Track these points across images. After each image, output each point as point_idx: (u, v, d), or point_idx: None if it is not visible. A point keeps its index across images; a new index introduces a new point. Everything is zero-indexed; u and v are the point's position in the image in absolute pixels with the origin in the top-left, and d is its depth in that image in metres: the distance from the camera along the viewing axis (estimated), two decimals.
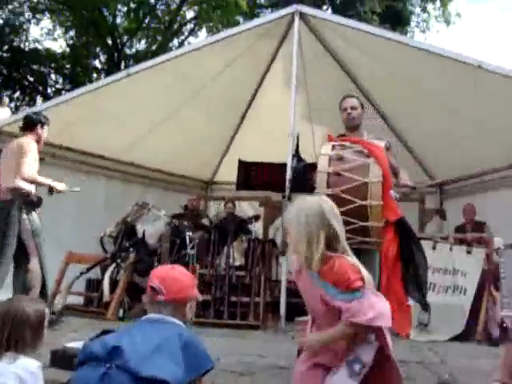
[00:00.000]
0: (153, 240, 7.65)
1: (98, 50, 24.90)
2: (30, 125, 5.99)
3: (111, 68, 22.42)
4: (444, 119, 8.15)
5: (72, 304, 7.53)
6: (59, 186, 5.98)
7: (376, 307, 2.53)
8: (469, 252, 6.94)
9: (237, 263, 7.57)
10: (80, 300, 7.90)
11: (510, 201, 8.45)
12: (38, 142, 5.95)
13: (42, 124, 6.01)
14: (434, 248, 7.11)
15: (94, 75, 24.55)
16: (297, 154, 6.19)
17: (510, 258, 6.87)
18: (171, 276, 2.63)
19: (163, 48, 22.56)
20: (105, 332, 4.40)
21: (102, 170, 9.10)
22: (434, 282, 6.97)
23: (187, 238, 7.58)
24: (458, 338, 6.55)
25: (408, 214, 8.94)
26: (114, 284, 7.36)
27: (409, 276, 4.02)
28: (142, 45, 25.72)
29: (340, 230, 2.67)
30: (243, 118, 9.66)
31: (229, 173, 9.80)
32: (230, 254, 7.45)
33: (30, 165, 5.70)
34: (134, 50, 25.44)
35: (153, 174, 9.75)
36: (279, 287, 7.09)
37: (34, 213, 5.77)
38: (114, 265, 7.52)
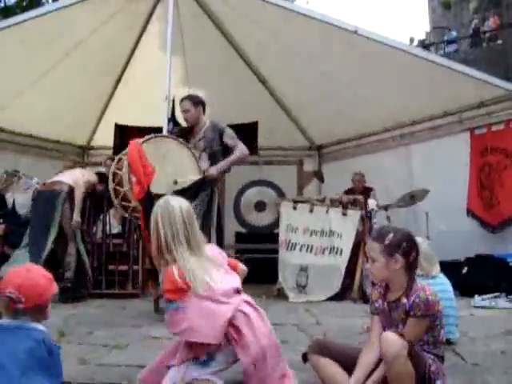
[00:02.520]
0: (24, 210, 7.27)
1: None
2: None
3: None
4: (322, 84, 8.26)
5: None
6: None
7: (189, 322, 2.55)
8: (344, 214, 7.11)
9: (114, 231, 7.38)
10: None
11: (385, 163, 8.81)
12: None
13: None
14: (311, 211, 7.25)
15: None
16: (173, 118, 6.03)
17: (382, 219, 7.20)
18: (29, 281, 2.38)
19: (35, 3, 21.30)
20: None
21: None
22: (312, 244, 7.13)
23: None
24: (334, 298, 6.75)
25: (287, 176, 9.28)
26: None
27: None
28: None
29: (170, 234, 2.66)
30: (118, 81, 9.25)
31: (105, 137, 9.44)
32: (106, 222, 7.23)
33: None
34: (2, 4, 23.81)
35: (24, 140, 9.18)
36: None
37: None
38: None
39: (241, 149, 5.62)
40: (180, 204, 2.75)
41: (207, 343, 2.56)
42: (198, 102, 5.79)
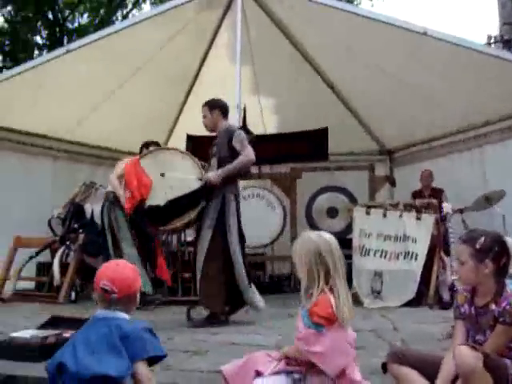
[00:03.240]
0: None
1: (38, 25, 24.11)
2: None
3: (53, 44, 21.77)
4: (391, 87, 8.17)
5: (23, 289, 7.38)
6: None
7: (323, 348, 2.60)
8: (418, 218, 7.00)
9: (188, 239, 7.52)
10: (31, 285, 7.75)
11: (457, 165, 8.62)
12: None
13: None
14: (384, 216, 7.17)
15: (36, 52, 23.80)
16: (244, 126, 6.11)
17: (457, 223, 7.04)
18: (119, 274, 2.65)
19: (106, 22, 22.03)
20: (54, 318, 4.32)
21: (47, 150, 8.83)
22: (386, 249, 7.05)
23: None
24: (410, 304, 6.64)
25: (358, 181, 9.21)
26: (64, 267, 7.22)
27: None
28: (84, 19, 25.04)
29: (333, 266, 2.75)
30: (189, 92, 9.48)
31: (178, 147, 9.63)
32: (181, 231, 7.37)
33: None
34: (76, 24, 24.73)
35: (100, 152, 9.52)
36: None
37: None
38: (63, 247, 7.36)
39: (246, 154, 5.28)
40: (331, 236, 2.86)
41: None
42: (214, 106, 5.58)
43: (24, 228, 7.55)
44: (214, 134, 5.65)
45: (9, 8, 23.40)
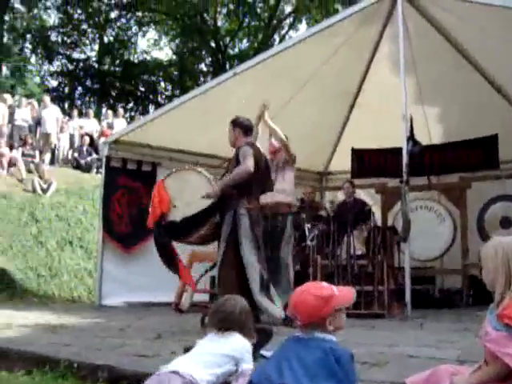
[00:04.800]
0: None
1: (203, 54, 25.51)
2: None
3: (216, 70, 22.91)
4: None
5: (198, 301, 7.76)
6: None
7: None
8: None
9: (358, 252, 7.50)
10: (205, 297, 8.13)
11: None
12: None
13: None
14: None
15: (201, 79, 25.17)
16: (412, 137, 6.02)
17: None
18: (301, 301, 2.68)
19: (264, 45, 22.79)
20: None
21: (217, 170, 9.23)
22: None
23: (306, 230, 7.60)
24: None
25: None
26: None
27: None
28: (244, 44, 26.08)
29: None
30: (352, 106, 9.53)
31: (342, 162, 9.72)
32: (350, 244, 7.39)
33: None
34: (236, 50, 25.83)
35: None
36: (403, 274, 6.97)
37: None
38: None
39: (241, 167, 5.46)
40: None
41: None
42: (236, 124, 5.80)
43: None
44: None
45: (176, 41, 25.00)
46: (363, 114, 9.35)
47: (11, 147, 13.17)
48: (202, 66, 26.49)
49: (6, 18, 22.44)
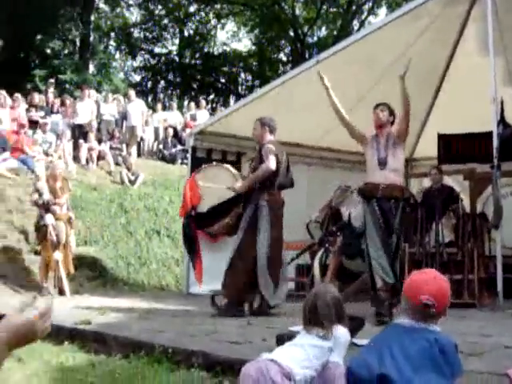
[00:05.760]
0: (358, 222, 7.65)
1: (281, 43, 25.50)
2: None
3: (296, 59, 22.85)
4: None
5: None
6: None
7: None
8: None
9: (446, 240, 7.33)
10: (291, 285, 8.19)
11: None
12: None
13: None
14: None
15: (281, 68, 25.18)
16: (502, 120, 5.82)
17: None
18: (440, 289, 2.66)
19: (344, 31, 22.52)
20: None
21: (302, 158, 9.27)
22: None
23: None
24: None
25: None
26: (323, 268, 7.52)
27: None
28: (322, 32, 25.87)
29: None
30: (438, 90, 9.28)
31: (429, 148, 9.49)
32: (438, 231, 7.23)
33: None
34: (315, 38, 25.66)
35: (350, 157, 9.72)
36: (494, 263, 6.75)
37: None
38: (322, 250, 7.67)
39: (265, 165, 5.94)
40: None
41: None
42: (263, 123, 6.28)
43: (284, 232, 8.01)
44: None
45: (255, 32, 25.09)
46: (449, 99, 9.07)
47: (100, 141, 13.65)
48: (282, 56, 26.52)
49: (92, 18, 23.23)
